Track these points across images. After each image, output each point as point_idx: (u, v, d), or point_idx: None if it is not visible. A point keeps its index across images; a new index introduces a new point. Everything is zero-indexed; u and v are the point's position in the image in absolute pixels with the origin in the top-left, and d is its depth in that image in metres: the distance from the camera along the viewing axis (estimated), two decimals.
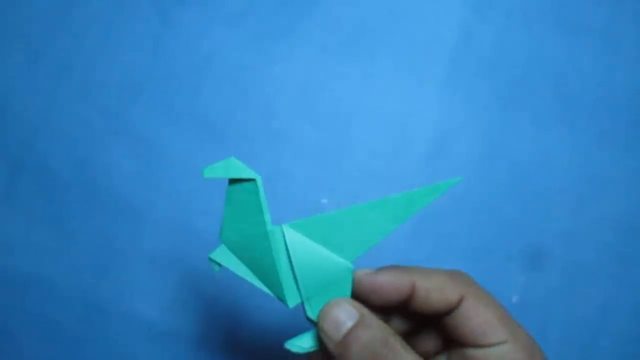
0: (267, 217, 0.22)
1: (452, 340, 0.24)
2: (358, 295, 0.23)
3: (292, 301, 0.22)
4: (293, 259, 0.22)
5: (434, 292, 0.22)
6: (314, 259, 0.22)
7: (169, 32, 0.40)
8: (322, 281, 0.22)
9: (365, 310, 0.21)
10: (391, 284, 0.22)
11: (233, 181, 0.22)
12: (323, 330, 0.21)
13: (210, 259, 0.23)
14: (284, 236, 0.22)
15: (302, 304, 0.23)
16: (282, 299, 0.23)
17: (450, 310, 0.23)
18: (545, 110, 0.39)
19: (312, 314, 0.22)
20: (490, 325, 0.22)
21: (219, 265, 0.23)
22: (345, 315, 0.21)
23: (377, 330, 0.21)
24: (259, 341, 0.37)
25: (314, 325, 0.22)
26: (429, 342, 0.25)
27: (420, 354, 0.24)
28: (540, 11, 0.40)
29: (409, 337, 0.26)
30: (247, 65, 0.40)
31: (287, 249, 0.22)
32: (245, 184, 0.22)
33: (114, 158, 0.39)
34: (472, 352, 0.23)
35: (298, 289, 0.22)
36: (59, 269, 0.37)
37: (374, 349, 0.20)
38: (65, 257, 0.38)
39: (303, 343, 0.22)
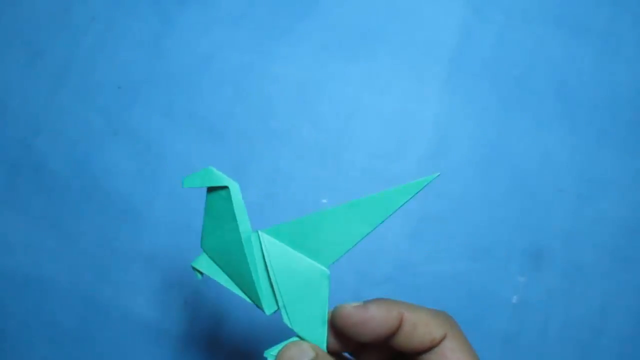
0: (243, 224, 0.22)
1: None
2: (346, 330, 0.22)
3: (270, 308, 0.22)
4: (269, 266, 0.22)
5: (421, 326, 0.22)
6: (290, 265, 0.22)
7: (169, 32, 0.40)
8: (299, 287, 0.22)
9: (320, 352, 0.22)
10: (382, 316, 0.22)
11: (211, 189, 0.22)
12: None
13: (193, 268, 0.23)
14: (260, 242, 0.22)
15: (279, 311, 0.22)
16: (259, 307, 0.22)
17: (430, 349, 0.22)
18: (545, 110, 0.39)
19: (289, 322, 0.22)
20: None
21: (201, 273, 0.23)
22: (301, 354, 0.21)
23: None
24: (259, 341, 0.37)
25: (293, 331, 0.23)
26: None
27: None
28: (540, 11, 0.40)
29: None
30: (247, 65, 0.40)
31: (263, 256, 0.22)
32: (222, 192, 0.22)
33: (113, 158, 0.39)
34: None
35: (275, 296, 0.22)
36: (59, 269, 0.37)
37: None
38: (65, 258, 0.37)
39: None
